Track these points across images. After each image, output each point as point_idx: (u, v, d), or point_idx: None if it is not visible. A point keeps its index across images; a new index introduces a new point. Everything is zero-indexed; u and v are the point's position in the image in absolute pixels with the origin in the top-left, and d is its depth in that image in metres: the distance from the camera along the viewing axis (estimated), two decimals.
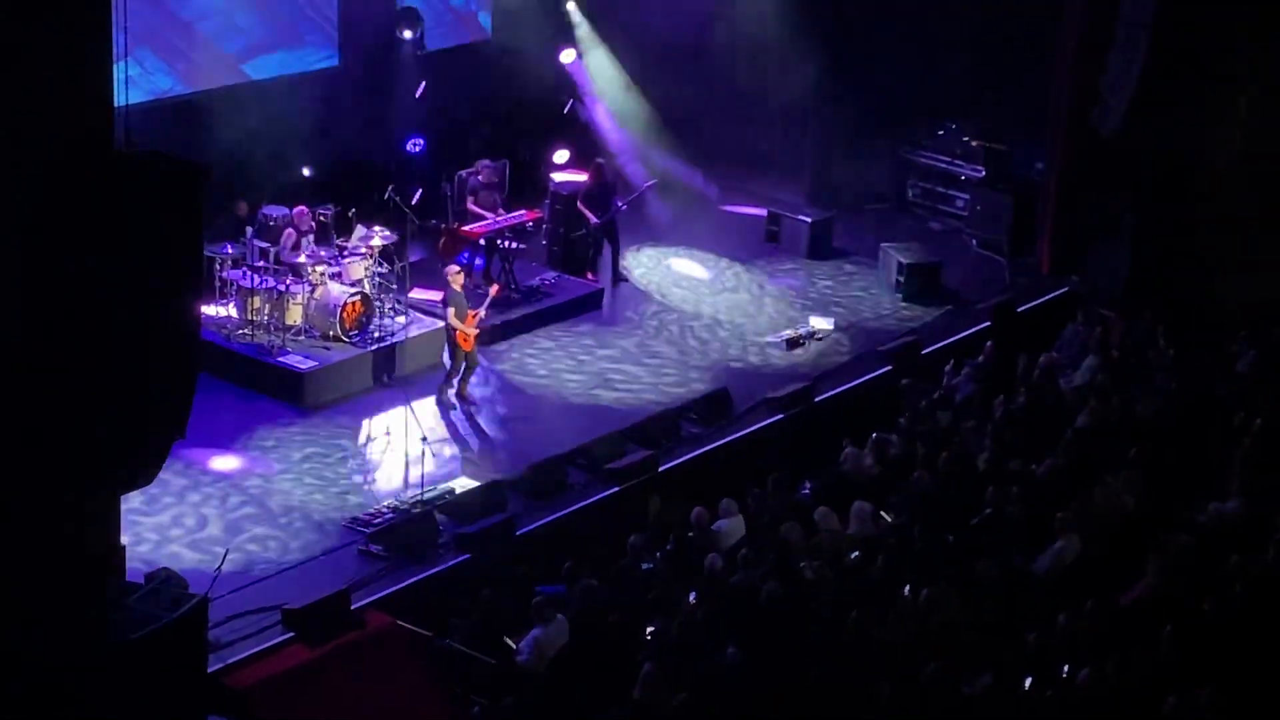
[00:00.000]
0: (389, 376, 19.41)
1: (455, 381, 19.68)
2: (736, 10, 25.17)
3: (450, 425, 19.33)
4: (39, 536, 11.84)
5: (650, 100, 24.91)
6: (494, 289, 20.78)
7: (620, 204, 23.04)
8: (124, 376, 11.91)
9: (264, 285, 19.96)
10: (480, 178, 22.60)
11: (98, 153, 11.79)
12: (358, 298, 20.10)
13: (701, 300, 22.96)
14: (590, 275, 23.08)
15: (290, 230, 20.36)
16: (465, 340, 19.59)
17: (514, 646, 15.08)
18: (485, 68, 24.07)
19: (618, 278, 23.18)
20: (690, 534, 16.79)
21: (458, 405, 19.64)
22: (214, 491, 17.71)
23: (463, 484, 17.91)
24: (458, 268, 20.44)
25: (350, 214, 21.13)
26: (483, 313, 19.90)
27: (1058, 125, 23.77)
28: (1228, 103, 22.40)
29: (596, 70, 25.02)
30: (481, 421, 19.53)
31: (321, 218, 20.87)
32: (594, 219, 22.93)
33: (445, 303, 19.81)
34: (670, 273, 23.74)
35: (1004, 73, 24.55)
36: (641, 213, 24.02)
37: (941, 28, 24.43)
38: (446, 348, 20.02)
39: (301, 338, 20.04)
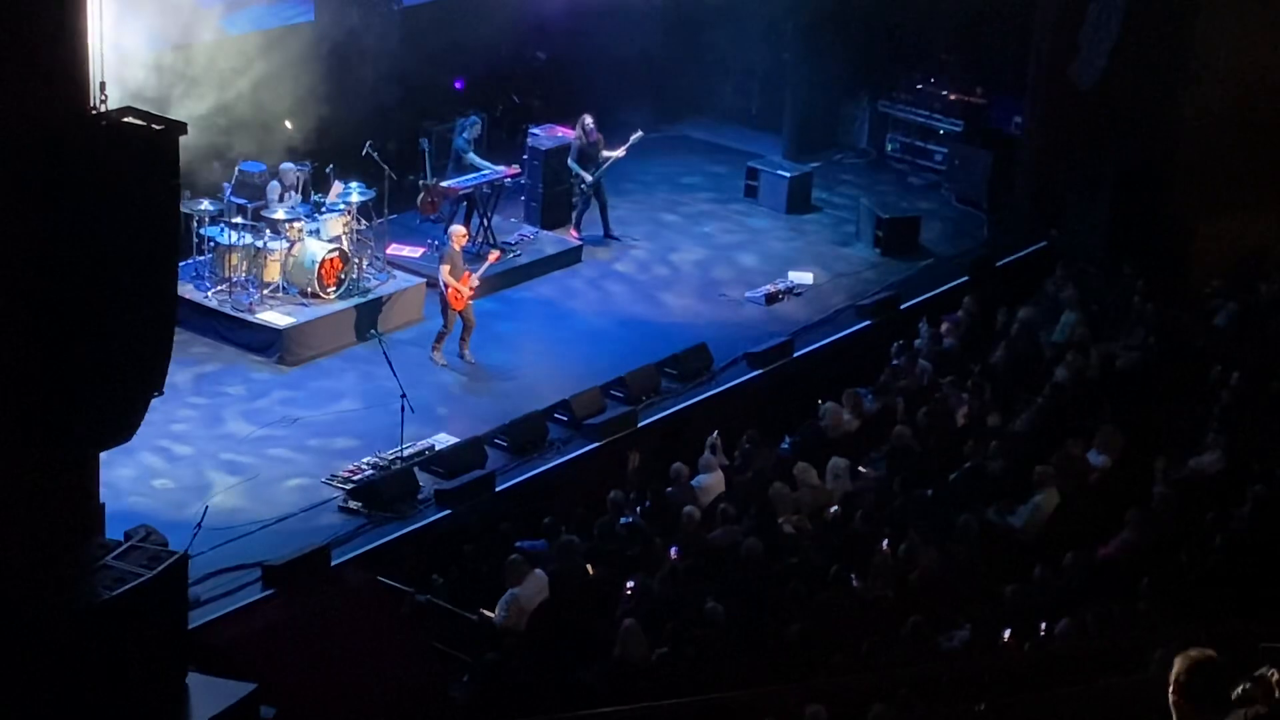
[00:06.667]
0: (372, 332, 19.36)
1: (445, 340, 19.62)
2: None
3: (434, 381, 19.27)
4: (16, 495, 11.82)
5: (625, 54, 24.68)
6: (494, 255, 20.78)
7: (612, 156, 22.78)
8: (101, 333, 11.88)
9: (242, 242, 19.90)
10: (465, 134, 22.48)
11: (74, 110, 11.73)
12: (336, 254, 20.04)
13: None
14: (575, 233, 22.96)
15: (275, 183, 20.28)
16: (457, 299, 19.52)
17: (489, 615, 15.09)
18: (460, 22, 23.92)
19: (609, 234, 23.07)
20: (669, 489, 16.81)
21: (444, 362, 19.59)
22: (192, 447, 17.68)
23: (443, 440, 17.90)
24: (462, 229, 20.49)
25: (328, 170, 21.05)
26: (477, 278, 19.86)
27: (1037, 79, 23.72)
28: (1207, 56, 22.36)
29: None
30: (464, 377, 19.50)
31: (299, 174, 20.78)
32: (586, 176, 22.80)
33: (442, 260, 19.75)
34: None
35: (984, 27, 24.51)
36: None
37: None
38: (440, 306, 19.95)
39: (280, 294, 19.98)
